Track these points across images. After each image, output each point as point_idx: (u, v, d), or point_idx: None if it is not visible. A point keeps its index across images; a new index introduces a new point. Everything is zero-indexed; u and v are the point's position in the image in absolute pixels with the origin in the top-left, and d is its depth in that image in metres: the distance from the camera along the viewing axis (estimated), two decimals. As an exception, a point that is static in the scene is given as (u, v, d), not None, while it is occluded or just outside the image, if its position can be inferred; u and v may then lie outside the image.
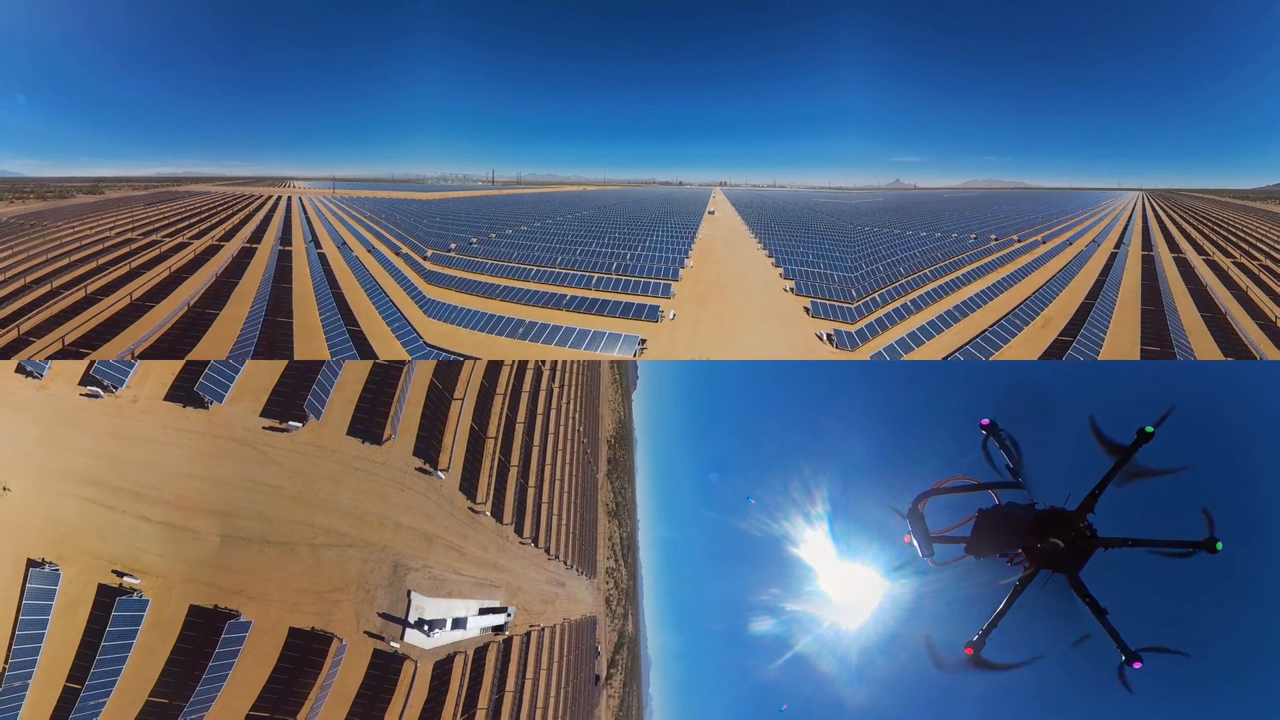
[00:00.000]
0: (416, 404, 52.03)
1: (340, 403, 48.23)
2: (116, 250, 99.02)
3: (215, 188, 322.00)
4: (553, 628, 74.45)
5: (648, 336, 60.79)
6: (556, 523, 76.04)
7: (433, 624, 47.69)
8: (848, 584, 49.97)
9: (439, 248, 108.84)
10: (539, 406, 72.57)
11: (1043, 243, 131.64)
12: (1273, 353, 58.54)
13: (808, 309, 71.01)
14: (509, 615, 55.81)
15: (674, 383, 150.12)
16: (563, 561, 78.40)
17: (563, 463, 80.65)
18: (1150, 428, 34.99)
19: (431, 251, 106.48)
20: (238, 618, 40.77)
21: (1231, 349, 59.32)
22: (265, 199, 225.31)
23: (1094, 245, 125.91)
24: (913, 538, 37.07)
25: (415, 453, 50.57)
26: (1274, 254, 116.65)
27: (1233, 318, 69.78)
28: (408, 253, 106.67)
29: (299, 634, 42.80)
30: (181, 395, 43.49)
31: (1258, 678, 33.37)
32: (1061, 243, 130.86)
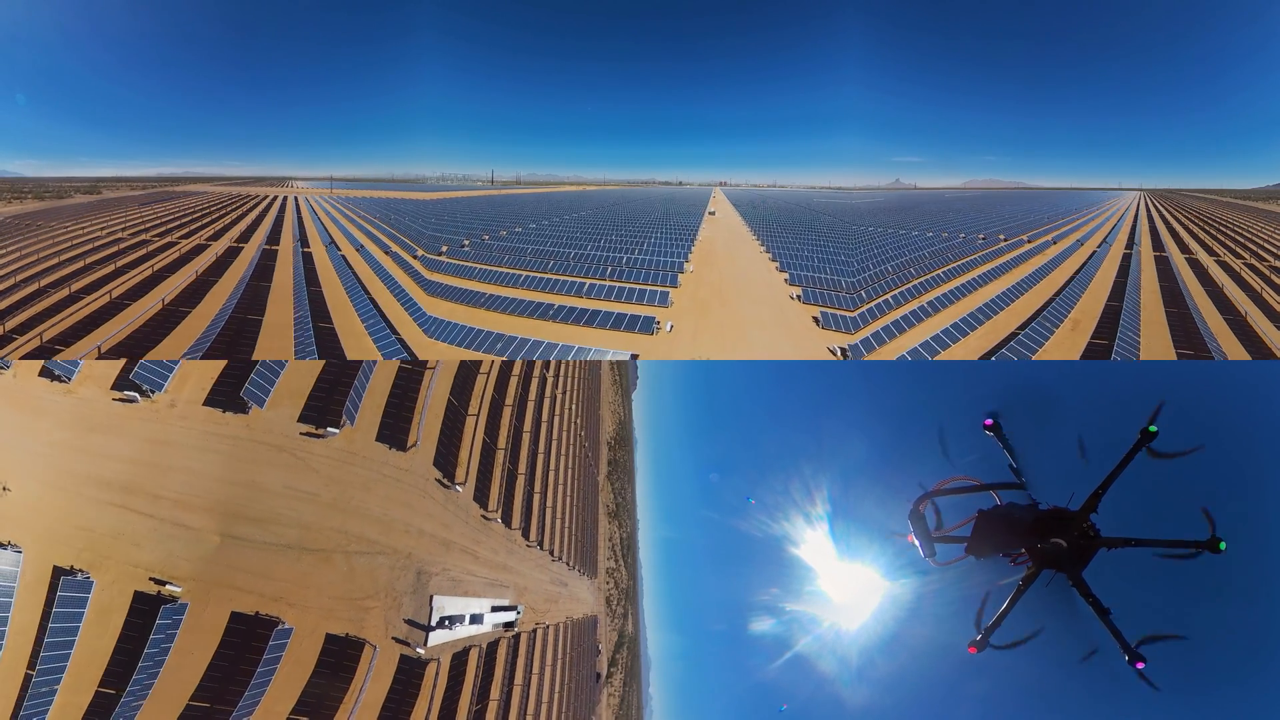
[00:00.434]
0: (437, 415, 52.20)
1: (370, 407, 48.29)
2: (104, 250, 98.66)
3: (213, 188, 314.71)
4: (556, 626, 75.25)
5: (642, 352, 58.23)
6: (560, 526, 76.73)
7: (453, 619, 49.28)
8: (848, 584, 50.18)
9: (430, 250, 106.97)
10: (544, 415, 73.20)
11: (1053, 243, 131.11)
12: (1232, 346, 59.21)
13: (816, 319, 67.48)
14: (518, 613, 57.46)
15: (674, 383, 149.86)
16: (565, 563, 79.05)
17: (565, 467, 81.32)
18: (1153, 427, 35.42)
19: (421, 253, 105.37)
20: (279, 624, 40.86)
21: (1256, 351, 59.38)
22: (262, 199, 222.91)
23: (1105, 246, 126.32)
24: (915, 538, 37.51)
25: (435, 463, 50.95)
26: (1261, 252, 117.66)
27: (1253, 319, 69.94)
28: (398, 252, 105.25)
29: (334, 640, 43.10)
30: (220, 400, 43.24)
31: (1258, 678, 33.80)
32: (1073, 243, 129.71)
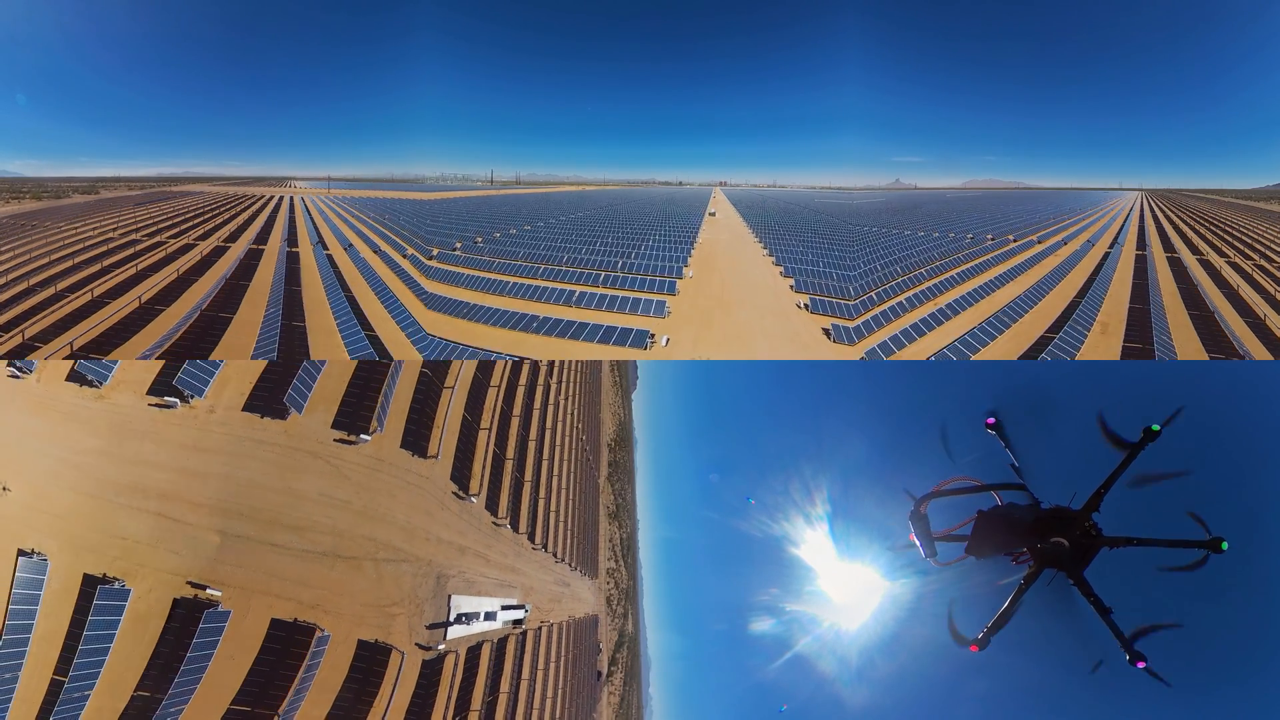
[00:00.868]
0: (453, 432, 52.50)
1: (395, 413, 48.59)
2: (94, 250, 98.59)
3: (211, 188, 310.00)
4: (559, 625, 75.80)
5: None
6: (562, 528, 77.49)
7: (469, 616, 50.65)
8: (848, 584, 50.79)
9: (422, 252, 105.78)
10: (547, 421, 73.97)
11: (1064, 244, 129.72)
12: (1258, 350, 59.46)
13: (827, 331, 62.32)
14: (526, 611, 58.96)
15: (674, 383, 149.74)
16: (567, 564, 79.51)
17: (567, 472, 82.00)
18: (1157, 426, 35.48)
19: (412, 251, 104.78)
20: (317, 631, 41.24)
21: (1215, 346, 59.77)
22: (258, 199, 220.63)
23: (1117, 247, 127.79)
24: (915, 538, 37.72)
25: (452, 477, 51.53)
26: (1270, 253, 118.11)
27: (1220, 316, 70.13)
28: (387, 251, 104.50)
29: (364, 646, 43.57)
30: (259, 404, 43.30)
31: (1258, 678, 34.08)
32: (1084, 244, 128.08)
